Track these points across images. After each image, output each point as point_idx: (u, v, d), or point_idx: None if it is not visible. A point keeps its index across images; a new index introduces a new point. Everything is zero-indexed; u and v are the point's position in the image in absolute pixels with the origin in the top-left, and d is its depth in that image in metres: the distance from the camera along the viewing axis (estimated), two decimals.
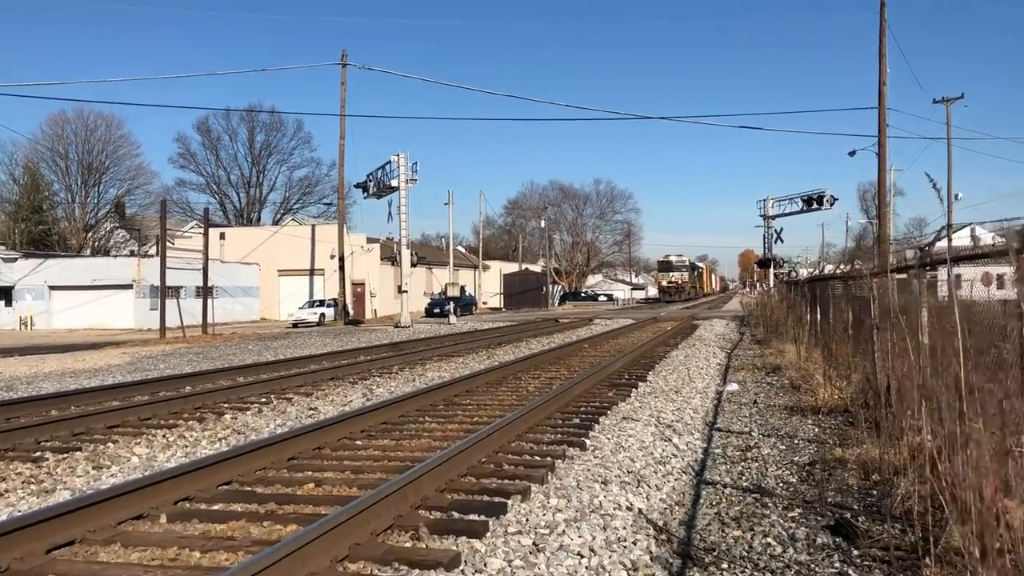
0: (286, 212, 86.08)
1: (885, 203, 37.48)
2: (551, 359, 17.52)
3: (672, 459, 8.22)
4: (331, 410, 11.07)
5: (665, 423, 10.06)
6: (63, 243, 66.79)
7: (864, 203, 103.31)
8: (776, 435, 9.47)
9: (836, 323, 14.20)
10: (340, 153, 44.50)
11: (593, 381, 12.92)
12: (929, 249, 8.12)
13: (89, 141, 70.54)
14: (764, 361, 17.10)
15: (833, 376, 12.29)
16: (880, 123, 33.94)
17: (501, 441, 7.91)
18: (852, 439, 8.81)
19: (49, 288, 46.83)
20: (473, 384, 12.87)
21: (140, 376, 16.60)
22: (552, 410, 10.07)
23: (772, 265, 51.84)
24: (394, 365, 16.90)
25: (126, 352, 23.84)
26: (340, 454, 7.89)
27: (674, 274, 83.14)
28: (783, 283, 32.09)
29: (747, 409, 11.46)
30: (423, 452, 7.81)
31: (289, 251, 55.47)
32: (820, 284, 16.81)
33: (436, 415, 10.13)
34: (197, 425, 9.87)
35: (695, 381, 14.20)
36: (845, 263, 15.63)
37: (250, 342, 27.89)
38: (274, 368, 16.53)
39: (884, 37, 34.01)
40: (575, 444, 8.16)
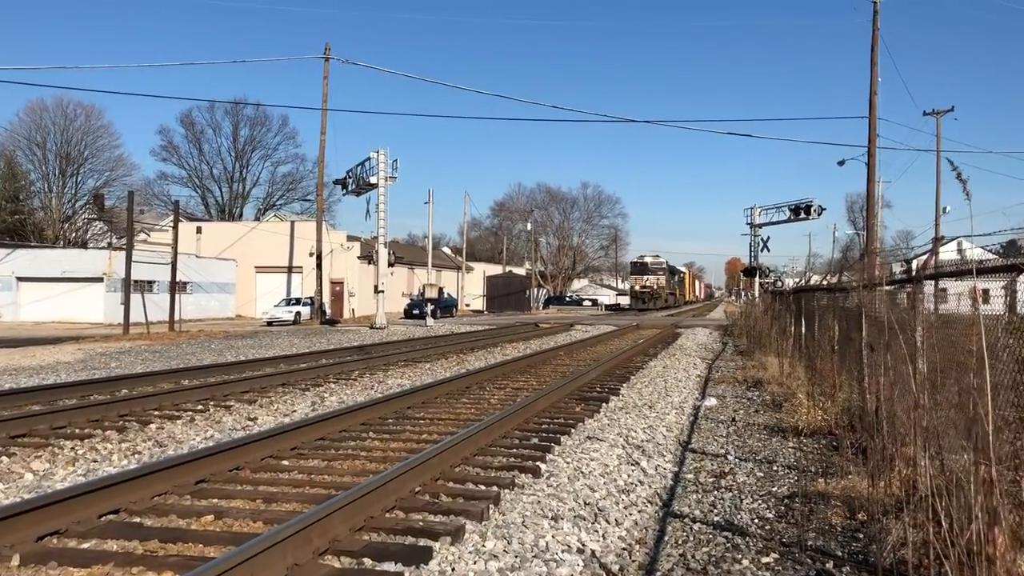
0: (269, 208, 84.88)
1: (874, 214, 36.81)
2: (522, 367, 16.62)
3: (638, 486, 7.35)
4: (270, 421, 10.14)
5: (634, 443, 9.19)
6: (39, 234, 65.37)
7: (852, 214, 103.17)
8: (754, 459, 8.62)
9: (821, 337, 13.39)
10: (320, 148, 43.57)
11: (562, 394, 12.03)
12: (930, 260, 7.27)
13: (68, 130, 69.12)
14: (746, 374, 16.27)
15: (816, 394, 11.48)
16: (871, 132, 33.34)
17: (444, 465, 7.00)
18: (836, 468, 7.98)
19: (17, 279, 45.54)
20: (432, 395, 11.95)
21: (85, 375, 15.65)
22: (510, 427, 9.17)
23: (758, 274, 51.10)
24: (355, 370, 15.95)
25: (81, 348, 22.79)
26: (259, 477, 6.96)
27: (649, 277, 72.00)
28: (768, 293, 31.31)
29: (725, 427, 10.62)
30: (353, 477, 6.90)
31: (267, 247, 54.34)
32: (806, 295, 16.00)
33: (382, 431, 9.20)
34: (115, 436, 8.91)
35: (671, 395, 13.35)
36: (832, 274, 14.80)
37: (215, 340, 26.87)
38: (228, 370, 15.57)
39: (876, 46, 33.39)
40: (528, 470, 7.25)
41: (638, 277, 73.04)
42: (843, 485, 7.22)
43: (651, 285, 71.02)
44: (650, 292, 70.59)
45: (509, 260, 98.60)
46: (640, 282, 72.17)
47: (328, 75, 42.11)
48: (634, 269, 76.14)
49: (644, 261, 74.09)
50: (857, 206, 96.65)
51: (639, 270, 73.94)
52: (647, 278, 71.76)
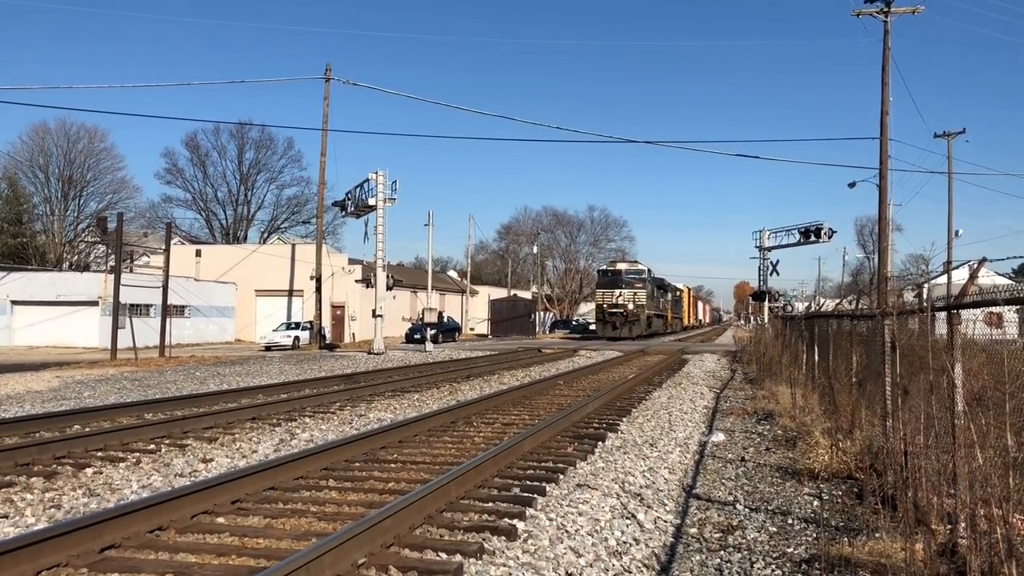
0: (273, 231, 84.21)
1: (885, 237, 35.75)
2: (517, 398, 15.54)
3: (632, 547, 6.28)
4: (225, 464, 9.08)
5: (631, 491, 8.11)
6: (41, 257, 64.72)
7: (862, 237, 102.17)
8: (766, 509, 7.54)
9: (838, 367, 12.30)
10: (320, 170, 42.78)
11: (554, 431, 10.95)
12: (969, 286, 6.20)
13: (70, 153, 68.70)
14: (756, 405, 15.18)
15: (833, 431, 10.39)
16: (882, 154, 32.42)
17: (401, 527, 5.92)
18: (861, 522, 6.90)
19: (11, 303, 44.71)
20: (412, 432, 10.87)
21: (52, 406, 14.70)
22: (490, 473, 8.09)
23: (767, 298, 50.01)
24: (336, 402, 14.89)
25: (60, 376, 21.81)
26: (180, 541, 5.88)
27: (623, 292, 52.37)
28: (778, 317, 30.21)
29: (733, 468, 9.55)
30: (292, 541, 5.83)
31: (268, 271, 53.45)
32: (819, 321, 14.92)
33: (345, 478, 8.12)
34: (40, 484, 7.86)
35: (676, 430, 12.26)
36: (850, 300, 13.72)
37: (203, 367, 25.85)
38: (200, 402, 14.56)
39: (887, 66, 32.51)
40: (501, 531, 6.16)
41: (607, 291, 53.24)
42: (871, 547, 6.15)
43: (624, 303, 52.02)
44: (623, 313, 51.77)
45: (516, 283, 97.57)
46: (609, 298, 52.79)
47: (329, 96, 41.43)
48: (601, 280, 55.67)
49: (616, 269, 54.71)
50: (867, 229, 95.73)
51: (609, 281, 53.82)
52: (620, 293, 52.39)
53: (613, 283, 52.98)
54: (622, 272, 53.60)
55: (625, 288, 52.25)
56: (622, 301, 51.68)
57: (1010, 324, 6.18)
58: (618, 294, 52.06)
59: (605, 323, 52.39)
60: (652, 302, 56.13)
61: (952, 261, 47.89)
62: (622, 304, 51.64)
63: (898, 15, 32.15)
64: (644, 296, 52.68)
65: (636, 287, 52.65)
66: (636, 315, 51.73)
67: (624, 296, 51.99)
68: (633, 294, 52.23)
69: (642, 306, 52.36)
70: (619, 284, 52.58)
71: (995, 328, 6.34)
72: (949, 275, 45.75)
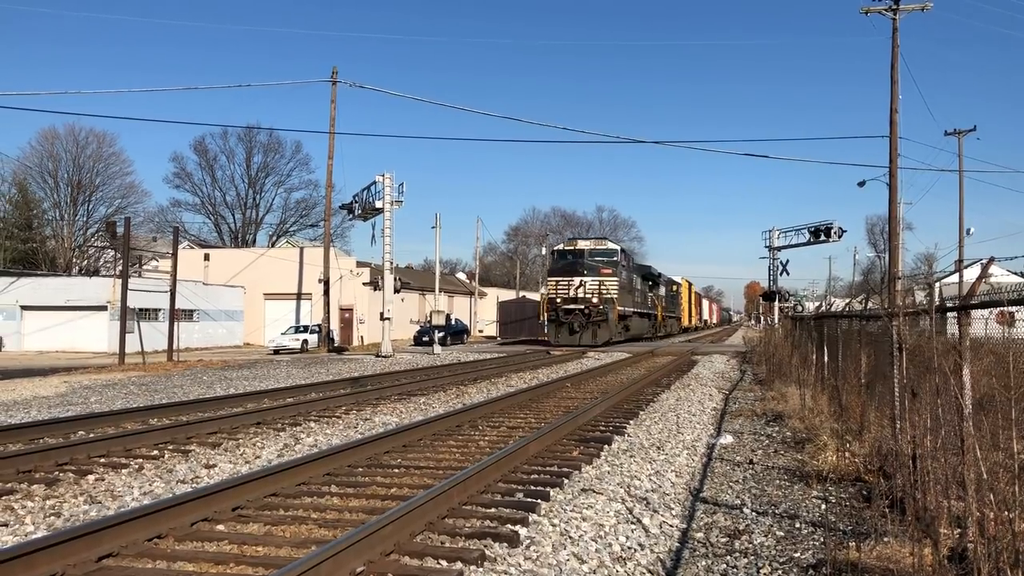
0: (282, 235, 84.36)
1: (896, 235, 35.54)
2: (524, 401, 15.45)
3: (636, 553, 6.18)
4: (228, 469, 9.03)
5: (637, 495, 8.02)
6: (51, 262, 64.97)
7: (872, 236, 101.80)
8: (773, 513, 7.44)
9: (847, 367, 12.19)
10: (328, 173, 42.78)
11: (560, 434, 10.86)
12: (978, 285, 6.08)
13: (79, 158, 68.96)
14: (765, 407, 15.05)
15: (842, 432, 10.28)
16: (892, 152, 32.23)
17: (401, 534, 5.85)
18: (869, 526, 6.78)
19: (21, 308, 44.88)
20: (416, 436, 10.79)
21: (58, 412, 14.69)
22: (494, 478, 8.00)
23: (777, 298, 49.71)
24: (342, 406, 14.83)
25: (67, 381, 21.81)
26: (179, 549, 5.80)
27: (586, 281, 38.83)
28: (788, 318, 30.02)
29: (741, 471, 9.44)
30: (292, 549, 5.76)
31: (277, 274, 53.52)
32: (829, 322, 14.79)
33: (347, 483, 8.06)
34: (41, 491, 7.81)
35: (683, 432, 12.15)
36: (860, 299, 13.60)
37: (211, 371, 25.85)
38: (205, 407, 14.51)
39: (896, 64, 32.31)
40: (503, 537, 6.08)
41: (561, 280, 39.49)
42: (879, 552, 6.03)
43: (587, 297, 38.17)
44: (584, 311, 38.01)
45: (525, 285, 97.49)
46: (564, 289, 38.94)
47: (335, 99, 41.46)
48: (555, 264, 41.49)
49: (576, 249, 40.42)
50: (878, 228, 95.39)
51: (565, 266, 40.00)
52: (580, 283, 38.50)
53: (570, 268, 38.77)
54: (584, 253, 39.03)
55: (588, 275, 37.98)
56: (583, 294, 37.67)
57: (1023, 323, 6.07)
58: (577, 284, 37.80)
59: (558, 325, 38.09)
60: (629, 296, 42.28)
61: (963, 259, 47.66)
62: (583, 298, 37.57)
63: (907, 13, 31.98)
64: (615, 286, 38.42)
65: (604, 274, 38.27)
66: (603, 313, 37.21)
67: (587, 287, 37.81)
68: (599, 284, 37.80)
69: (611, 300, 37.76)
70: (579, 270, 38.33)
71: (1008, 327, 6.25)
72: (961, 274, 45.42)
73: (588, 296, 38.21)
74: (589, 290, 38.46)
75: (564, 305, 38.59)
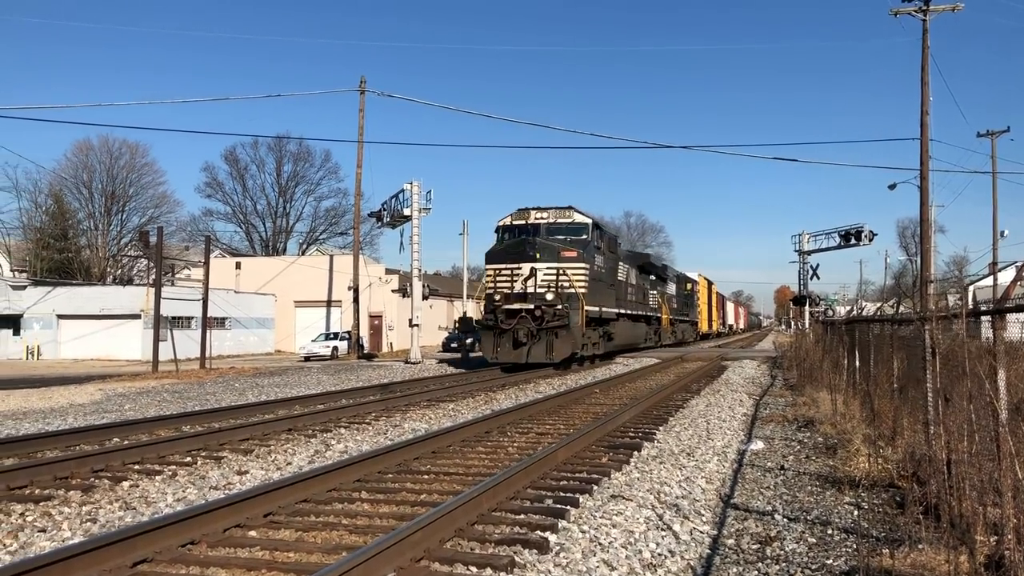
0: (312, 243, 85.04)
1: (928, 239, 35.11)
2: (552, 407, 15.44)
3: (668, 559, 6.16)
4: (260, 475, 9.12)
5: (668, 501, 7.98)
6: (85, 272, 65.99)
7: (904, 239, 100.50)
8: (805, 519, 7.37)
9: (879, 373, 12.07)
10: (356, 181, 43.03)
11: (589, 440, 10.84)
12: (1012, 289, 6.02)
13: (113, 169, 70.10)
14: (796, 412, 14.91)
15: (874, 438, 10.17)
16: (922, 154, 31.84)
17: (431, 540, 5.88)
18: (903, 533, 6.69)
19: (57, 317, 45.65)
20: (446, 442, 10.83)
21: (93, 419, 14.89)
22: (523, 484, 8.02)
23: (808, 303, 49.31)
24: (371, 412, 14.91)
25: (103, 388, 22.14)
26: (212, 555, 5.87)
27: (542, 269, 25.65)
28: (819, 322, 29.74)
29: (772, 477, 9.36)
30: (323, 555, 5.82)
31: (307, 282, 53.95)
32: (860, 326, 14.66)
33: (377, 490, 8.10)
34: (78, 497, 7.94)
35: (714, 438, 12.08)
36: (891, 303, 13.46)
37: (242, 378, 26.11)
38: (238, 414, 14.67)
39: (927, 65, 31.95)
40: (532, 544, 6.09)
41: (504, 269, 26.63)
42: (913, 559, 5.96)
43: (540, 293, 25.54)
44: (534, 313, 25.39)
45: None
46: (508, 282, 26.38)
47: (364, 108, 41.72)
48: (496, 247, 27.99)
49: (527, 223, 27.67)
50: (909, 231, 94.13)
51: (511, 249, 27.00)
52: (530, 271, 25.80)
53: (517, 251, 26.24)
54: (539, 229, 26.89)
55: (542, 260, 25.63)
56: (532, 287, 25.35)
57: None
58: (527, 273, 25.47)
59: (497, 334, 25.50)
60: (610, 291, 29.84)
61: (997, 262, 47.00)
62: (534, 293, 25.33)
63: (937, 13, 31.62)
64: (583, 275, 26.00)
65: (566, 258, 25.90)
66: (562, 316, 24.88)
67: (540, 277, 25.42)
68: (558, 272, 25.40)
69: (576, 296, 25.39)
70: (529, 253, 25.86)
71: None
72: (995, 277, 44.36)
73: (540, 291, 25.20)
74: (543, 281, 25.31)
75: (505, 304, 25.43)
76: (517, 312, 25.43)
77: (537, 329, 25.06)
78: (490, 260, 27.47)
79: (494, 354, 25.84)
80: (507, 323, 25.43)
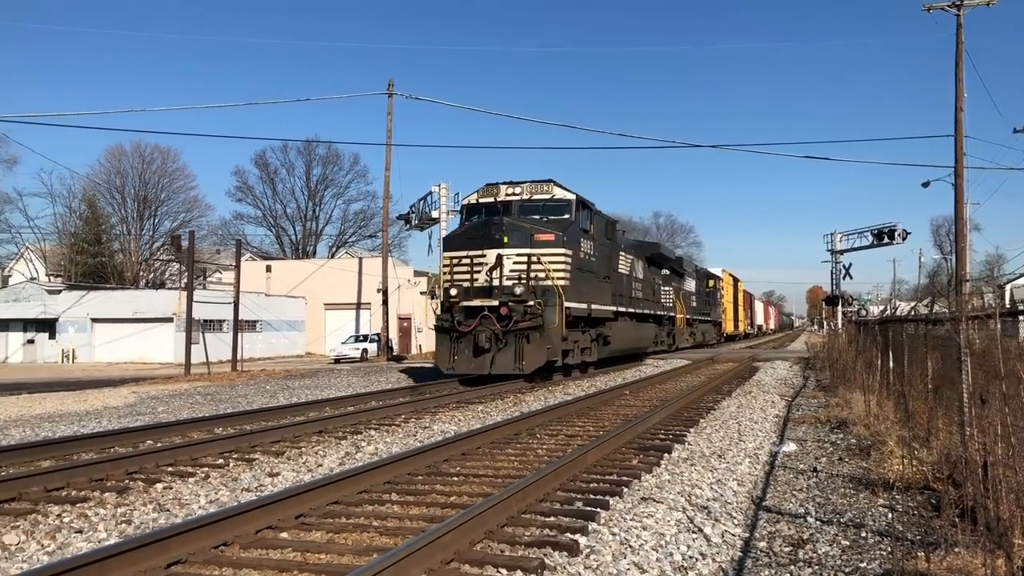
0: (341, 245, 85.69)
1: (963, 237, 34.63)
2: (581, 409, 15.40)
3: (699, 561, 6.12)
4: (291, 478, 9.18)
5: (698, 503, 7.93)
6: (119, 276, 66.94)
7: (938, 238, 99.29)
8: (838, 522, 7.28)
9: (912, 373, 11.91)
10: (385, 184, 43.24)
11: (619, 442, 10.80)
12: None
13: (145, 174, 71.11)
14: (829, 413, 14.77)
15: (909, 439, 10.03)
16: (957, 152, 31.45)
17: (461, 542, 5.89)
18: (938, 536, 6.58)
19: (92, 321, 46.32)
20: (474, 444, 10.84)
21: (127, 421, 15.09)
22: (552, 487, 8.00)
23: (840, 302, 48.78)
24: (401, 414, 14.97)
25: (136, 391, 22.44)
26: (244, 556, 5.92)
27: (509, 257, 20.67)
28: (852, 322, 29.44)
29: (804, 479, 9.27)
30: (354, 557, 5.86)
31: (336, 284, 54.30)
32: (894, 326, 14.48)
33: (407, 491, 8.13)
34: (113, 499, 8.04)
35: (745, 440, 11.99)
36: (925, 303, 13.29)
37: (273, 381, 26.33)
38: (269, 416, 14.79)
39: (961, 61, 31.57)
40: (563, 546, 6.08)
41: (464, 258, 21.40)
42: (949, 563, 5.87)
43: (507, 285, 20.57)
44: (499, 312, 20.26)
45: None
46: (466, 274, 21.21)
47: (392, 111, 41.91)
48: (457, 231, 23.70)
49: (496, 201, 22.40)
50: (944, 229, 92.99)
51: (472, 233, 21.82)
52: (497, 259, 20.73)
53: (480, 235, 21.49)
54: (510, 207, 22.21)
55: (511, 245, 21.00)
56: (498, 279, 20.89)
57: None
58: (492, 261, 20.93)
59: (454, 338, 20.93)
60: (603, 284, 25.01)
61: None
62: (500, 287, 20.80)
63: (971, 8, 31.23)
64: (564, 263, 21.35)
65: (542, 242, 21.13)
66: (534, 314, 20.31)
67: (507, 266, 20.91)
68: (529, 260, 20.86)
69: (553, 290, 20.70)
70: (495, 236, 21.07)
71: None
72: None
73: (508, 283, 20.60)
74: (512, 272, 20.73)
75: (463, 301, 20.90)
76: (478, 311, 20.55)
77: (503, 331, 20.15)
78: (448, 246, 22.51)
79: (450, 363, 20.96)
80: (466, 324, 20.53)
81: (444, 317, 21.27)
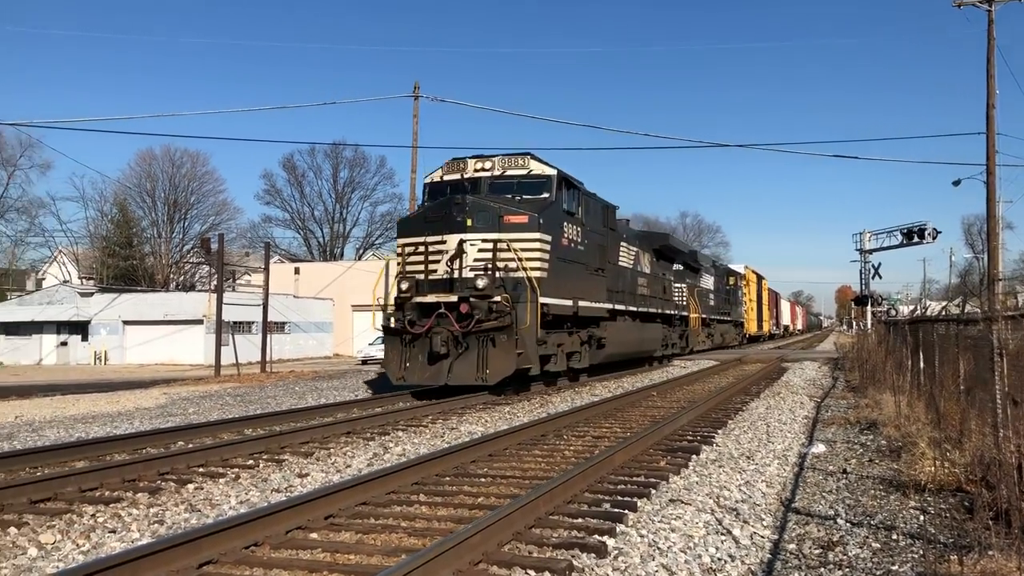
0: (368, 247, 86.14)
1: (995, 236, 34.16)
2: (608, 410, 15.38)
3: (727, 564, 6.10)
4: (320, 478, 9.26)
5: (727, 505, 7.90)
6: (149, 278, 67.75)
7: (969, 237, 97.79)
8: (868, 524, 7.22)
9: (944, 374, 11.78)
10: (411, 186, 43.10)
11: (646, 444, 10.78)
12: None
13: (175, 177, 71.87)
14: (858, 414, 14.64)
15: (940, 440, 9.92)
16: (989, 148, 31.01)
17: (488, 544, 5.91)
18: (971, 539, 6.51)
19: (123, 323, 46.90)
20: (502, 445, 10.87)
21: (159, 423, 15.26)
22: (580, 488, 8.01)
23: (869, 302, 48.25)
24: (428, 415, 15.03)
25: (167, 393, 22.69)
26: (275, 557, 5.97)
27: (473, 243, 17.16)
28: (881, 322, 29.14)
29: (834, 481, 9.20)
30: (383, 557, 5.90)
31: (364, 286, 54.23)
32: (924, 326, 14.33)
33: (435, 492, 8.17)
34: (145, 499, 8.15)
35: (774, 441, 11.93)
36: (956, 303, 13.13)
37: (302, 382, 26.52)
38: (298, 417, 14.91)
39: (992, 57, 31.11)
40: (590, 548, 6.08)
41: (419, 246, 17.80)
42: (983, 566, 5.80)
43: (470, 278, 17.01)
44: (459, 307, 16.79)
45: None
46: (420, 264, 17.61)
47: (418, 113, 42.00)
48: (415, 214, 20.70)
49: (462, 179, 18.68)
50: (975, 228, 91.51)
51: (430, 215, 18.15)
52: (458, 246, 17.15)
53: (438, 217, 17.96)
54: (478, 184, 18.64)
55: (475, 229, 17.47)
56: (458, 271, 17.33)
57: None
58: (454, 249, 17.33)
59: (408, 340, 17.52)
60: (596, 278, 21.78)
61: None
62: (461, 279, 17.25)
63: (1003, 3, 30.81)
64: (539, 249, 17.77)
65: (511, 226, 17.55)
66: (501, 312, 16.64)
67: (474, 255, 17.37)
68: (495, 246, 17.23)
69: (526, 285, 17.14)
70: (456, 219, 17.57)
71: None
72: None
73: (470, 275, 17.27)
74: (476, 261, 17.42)
75: (417, 296, 17.80)
76: (434, 308, 17.26)
77: (463, 333, 16.74)
78: (401, 231, 19.36)
79: (400, 372, 17.67)
80: (420, 325, 17.22)
81: (396, 318, 17.95)
